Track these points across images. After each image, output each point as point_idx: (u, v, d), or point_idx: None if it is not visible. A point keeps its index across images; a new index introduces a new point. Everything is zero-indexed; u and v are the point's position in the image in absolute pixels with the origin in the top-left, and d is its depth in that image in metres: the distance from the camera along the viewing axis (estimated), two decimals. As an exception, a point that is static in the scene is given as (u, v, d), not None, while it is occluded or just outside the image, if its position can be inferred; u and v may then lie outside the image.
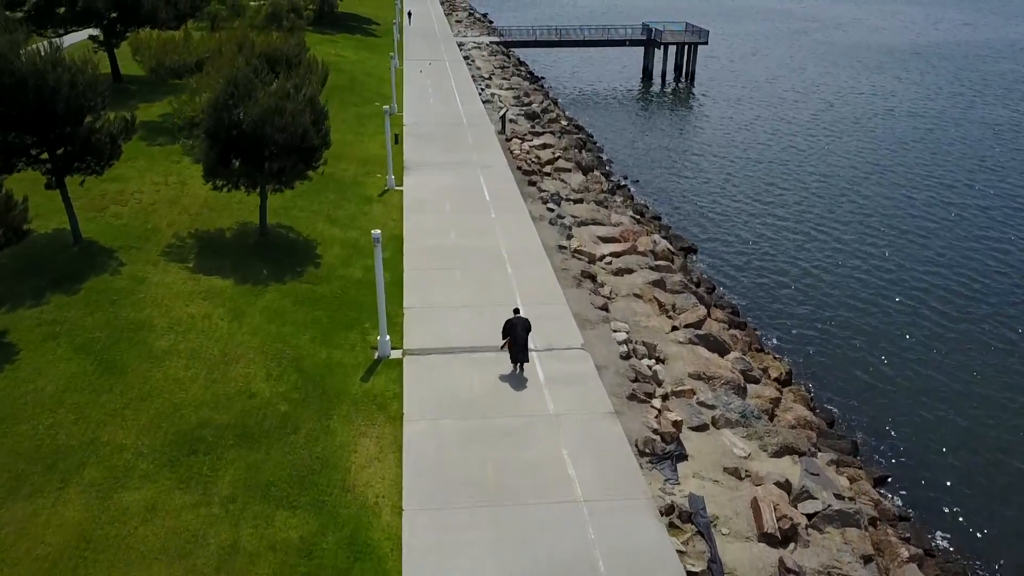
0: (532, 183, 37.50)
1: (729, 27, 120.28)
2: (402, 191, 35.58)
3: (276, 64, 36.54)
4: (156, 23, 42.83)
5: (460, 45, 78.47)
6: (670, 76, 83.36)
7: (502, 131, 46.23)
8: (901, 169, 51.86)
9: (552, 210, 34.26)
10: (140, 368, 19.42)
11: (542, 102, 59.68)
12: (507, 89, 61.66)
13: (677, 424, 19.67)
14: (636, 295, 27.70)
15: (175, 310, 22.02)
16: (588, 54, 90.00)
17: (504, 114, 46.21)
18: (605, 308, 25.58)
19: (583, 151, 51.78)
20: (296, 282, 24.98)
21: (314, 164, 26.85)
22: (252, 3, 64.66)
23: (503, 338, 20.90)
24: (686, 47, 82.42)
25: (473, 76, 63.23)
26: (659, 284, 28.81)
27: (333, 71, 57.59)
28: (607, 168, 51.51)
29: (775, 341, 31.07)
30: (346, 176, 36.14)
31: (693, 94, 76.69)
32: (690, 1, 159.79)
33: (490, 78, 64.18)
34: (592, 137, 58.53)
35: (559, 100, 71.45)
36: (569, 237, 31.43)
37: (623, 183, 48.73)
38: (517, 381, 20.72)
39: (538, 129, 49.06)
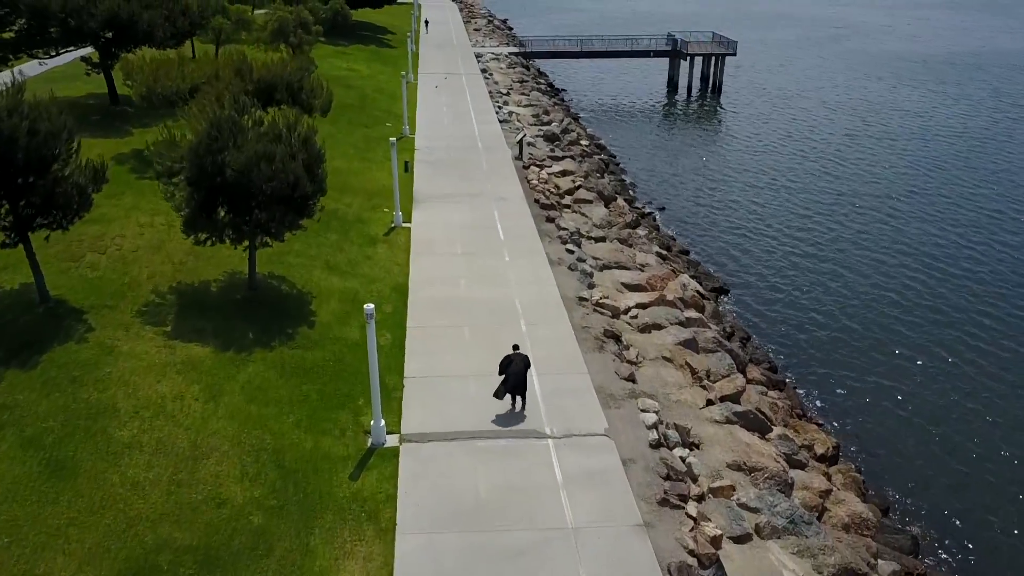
0: (550, 219, 34.69)
1: (756, 34, 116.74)
2: (410, 229, 32.90)
3: (275, 91, 34.07)
4: (154, 42, 40.47)
5: (478, 57, 75.82)
6: (696, 88, 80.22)
7: (519, 156, 43.47)
8: (943, 195, 48.48)
9: (572, 252, 31.43)
10: (95, 468, 16.84)
11: (562, 120, 56.85)
12: (526, 106, 58.90)
13: (716, 540, 16.80)
14: (666, 358, 24.83)
15: (143, 389, 19.43)
16: (611, 64, 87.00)
17: (521, 139, 43.47)
18: (631, 378, 22.73)
19: (605, 174, 48.95)
20: (285, 347, 22.36)
21: (308, 213, 24.19)
22: (260, 16, 62.42)
23: (500, 374, 20.17)
24: (713, 58, 79.25)
25: (490, 92, 60.53)
26: (691, 344, 25.89)
27: (343, 87, 55.23)
28: (630, 193, 48.62)
29: (817, 402, 28.08)
30: (349, 212, 33.52)
31: (720, 108, 73.50)
32: (715, 8, 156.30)
33: (508, 93, 61.45)
34: (615, 158, 55.61)
35: (580, 115, 68.60)
36: (591, 286, 28.59)
37: (648, 210, 45.85)
38: (524, 472, 17.96)
39: (557, 153, 46.24)
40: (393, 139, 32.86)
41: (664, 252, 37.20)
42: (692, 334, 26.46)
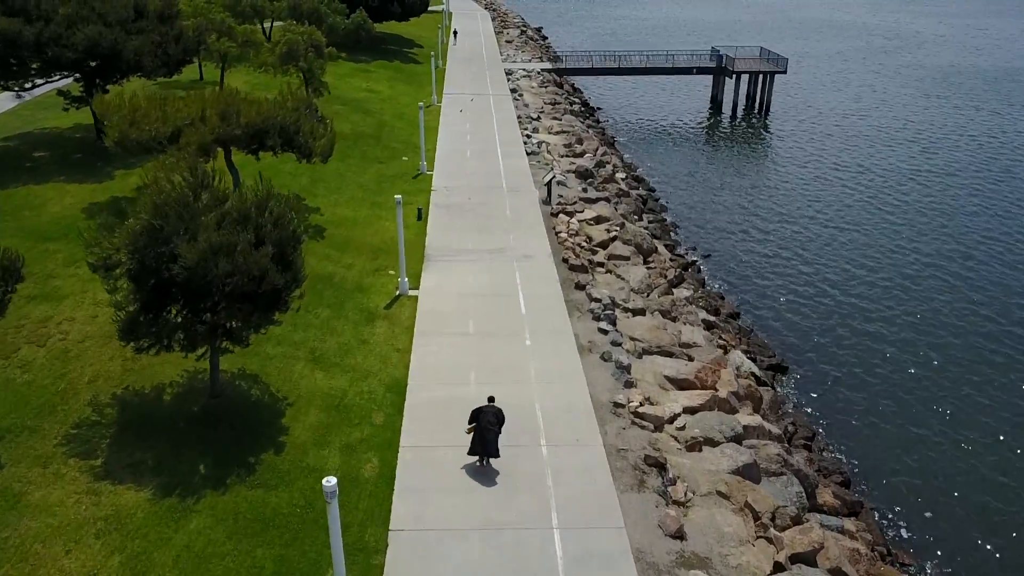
0: (580, 285, 29.87)
1: (804, 46, 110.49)
2: (417, 298, 28.31)
3: (267, 135, 29.72)
4: (144, 72, 36.45)
5: (508, 74, 71.14)
6: (741, 107, 74.71)
7: (547, 200, 38.71)
8: (1032, 244, 42.84)
9: (605, 332, 26.62)
10: None
11: (596, 150, 51.90)
12: (557, 133, 54.08)
13: None
14: (721, 493, 19.90)
15: (45, 567, 15.05)
16: (650, 80, 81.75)
17: (550, 180, 38.68)
18: (680, 534, 17.88)
19: (643, 214, 44.01)
20: (243, 485, 17.88)
21: (282, 307, 19.68)
22: (277, 29, 58.38)
23: (469, 423, 19.23)
24: (760, 76, 73.71)
25: (519, 116, 55.83)
26: (750, 471, 20.91)
27: (360, 112, 50.93)
28: (672, 236, 43.62)
29: (903, 531, 22.99)
30: (348, 278, 29.01)
31: (768, 130, 67.97)
32: (758, 15, 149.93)
33: (538, 118, 56.68)
34: (654, 192, 50.55)
35: (616, 139, 63.64)
36: (628, 384, 23.74)
37: (692, 258, 40.86)
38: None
39: (590, 193, 41.35)
40: (399, 196, 28.17)
41: (712, 319, 32.23)
42: (751, 455, 21.48)
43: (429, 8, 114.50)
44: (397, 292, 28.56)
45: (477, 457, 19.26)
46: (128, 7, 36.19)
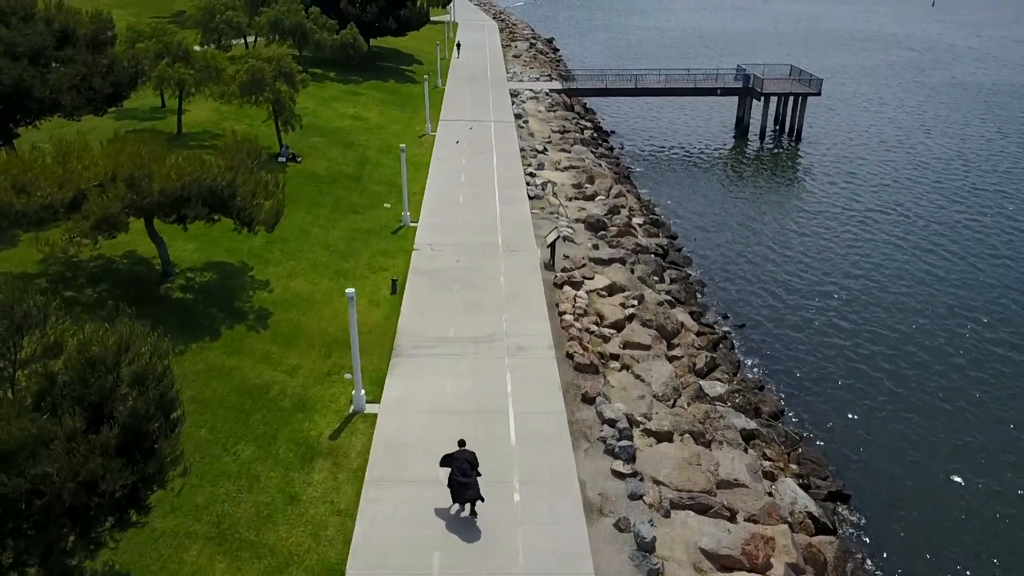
0: (589, 398, 23.33)
1: (832, 59, 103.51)
2: (375, 417, 21.88)
3: (187, 204, 23.41)
4: (63, 112, 30.27)
5: (514, 95, 64.73)
6: (770, 131, 67.89)
7: (551, 264, 32.24)
8: None
9: (621, 476, 20.11)
10: None
11: (609, 189, 45.36)
12: (565, 168, 47.57)
13: None
14: None
15: None
16: (669, 100, 75.05)
17: (554, 242, 32.15)
18: None
19: (664, 273, 37.46)
20: None
21: (139, 508, 13.27)
22: (261, 46, 52.42)
23: (440, 466, 18.34)
24: (791, 98, 66.97)
25: (523, 148, 49.38)
26: None
27: (340, 147, 44.65)
28: (698, 298, 37.05)
29: None
30: (289, 388, 22.60)
31: (801, 159, 61.17)
32: (782, 25, 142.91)
33: (544, 150, 50.17)
34: (675, 240, 43.86)
35: (632, 169, 57.09)
36: (653, 573, 17.20)
37: (724, 328, 34.29)
38: None
39: (602, 252, 34.76)
40: (351, 292, 21.56)
41: (752, 425, 25.66)
42: None
43: (432, 19, 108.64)
44: (351, 408, 22.13)
45: (462, 507, 18.34)
46: (48, 34, 30.02)
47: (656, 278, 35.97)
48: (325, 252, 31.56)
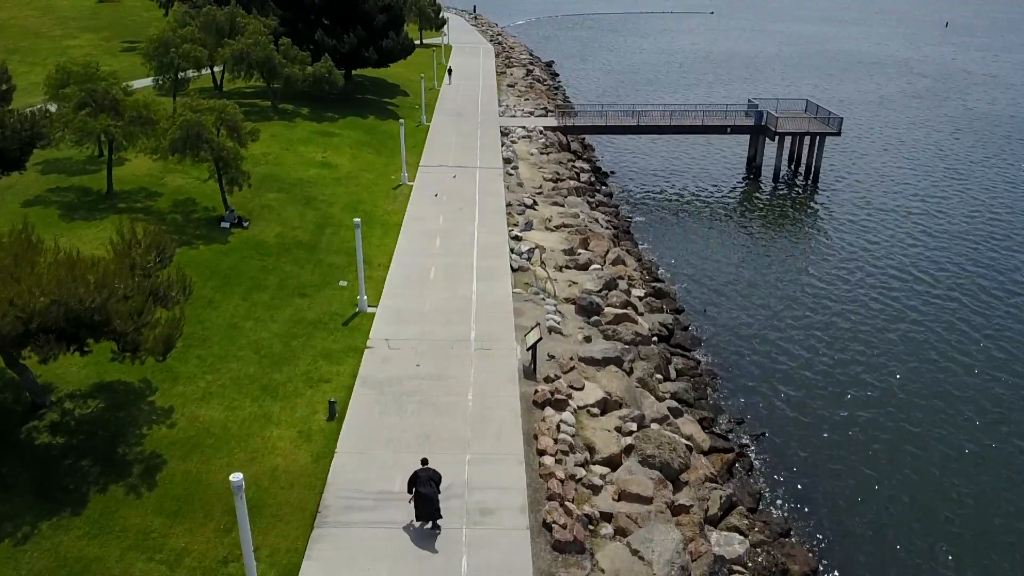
0: (570, 599, 17.60)
1: (844, 87, 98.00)
2: (279, 639, 16.10)
3: (31, 339, 17.73)
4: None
5: (505, 133, 59.19)
6: (784, 172, 62.18)
7: (532, 371, 26.47)
8: None
9: None
10: None
11: (606, 253, 39.71)
12: (557, 228, 41.89)
13: None
14: None
15: None
16: (676, 137, 69.46)
17: (535, 344, 26.35)
18: None
19: (670, 365, 31.71)
20: None
21: None
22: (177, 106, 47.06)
23: (408, 491, 19.02)
24: (808, 137, 61.35)
25: (510, 203, 43.74)
26: None
27: (299, 204, 39.01)
28: (709, 392, 31.35)
29: None
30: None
31: (818, 204, 55.43)
32: (790, 47, 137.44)
33: (534, 204, 44.49)
34: (681, 315, 38.01)
35: (633, 219, 51.45)
36: None
37: (742, 443, 28.51)
38: None
39: (595, 345, 28.97)
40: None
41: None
42: None
43: (424, 42, 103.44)
44: (249, 621, 16.33)
45: (424, 522, 19.04)
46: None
47: (659, 376, 30.18)
48: (255, 358, 25.79)
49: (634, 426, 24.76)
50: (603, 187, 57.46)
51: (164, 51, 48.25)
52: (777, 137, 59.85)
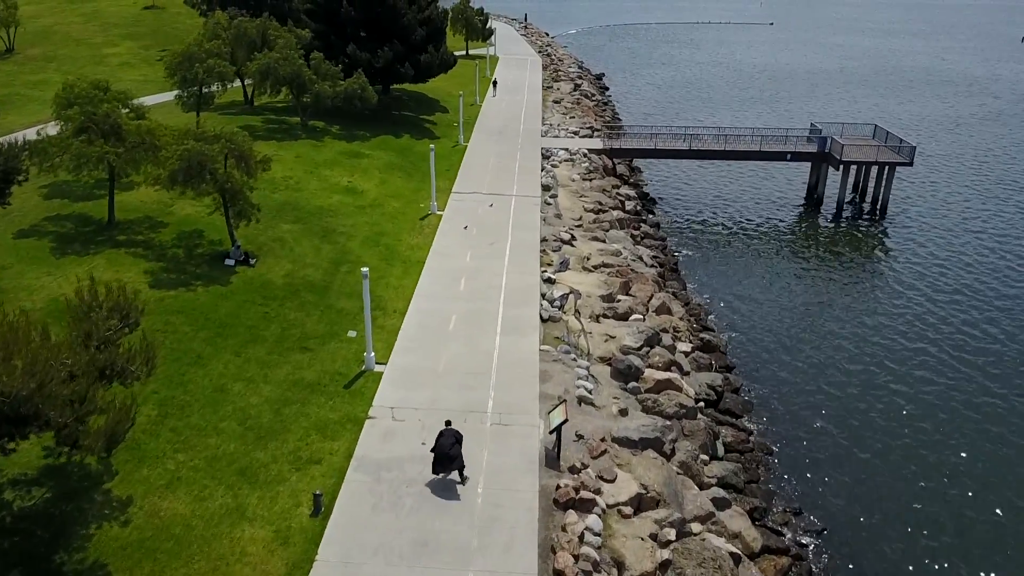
0: None
1: (913, 107, 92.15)
2: None
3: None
4: None
5: (546, 156, 55.61)
6: (848, 202, 57.33)
7: (555, 453, 22.78)
8: None
9: None
10: None
11: (649, 299, 35.82)
12: (595, 268, 38.09)
13: None
14: None
15: None
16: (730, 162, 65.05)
17: (559, 427, 22.62)
18: None
19: (717, 441, 27.70)
20: None
21: None
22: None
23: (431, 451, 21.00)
24: (875, 167, 56.49)
25: (545, 238, 40.12)
26: None
27: (314, 238, 35.96)
28: (761, 472, 27.28)
29: None
30: None
31: (887, 243, 50.56)
32: (849, 63, 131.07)
33: (571, 239, 40.75)
34: (731, 374, 33.86)
35: (679, 253, 47.41)
36: None
37: (800, 542, 24.41)
38: None
39: (631, 425, 25.15)
40: None
41: None
42: None
43: (470, 53, 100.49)
44: None
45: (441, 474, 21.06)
46: None
47: (704, 457, 26.21)
48: (238, 431, 22.58)
49: (672, 533, 20.90)
50: (650, 215, 53.54)
51: (188, 66, 45.79)
52: (842, 166, 55.08)
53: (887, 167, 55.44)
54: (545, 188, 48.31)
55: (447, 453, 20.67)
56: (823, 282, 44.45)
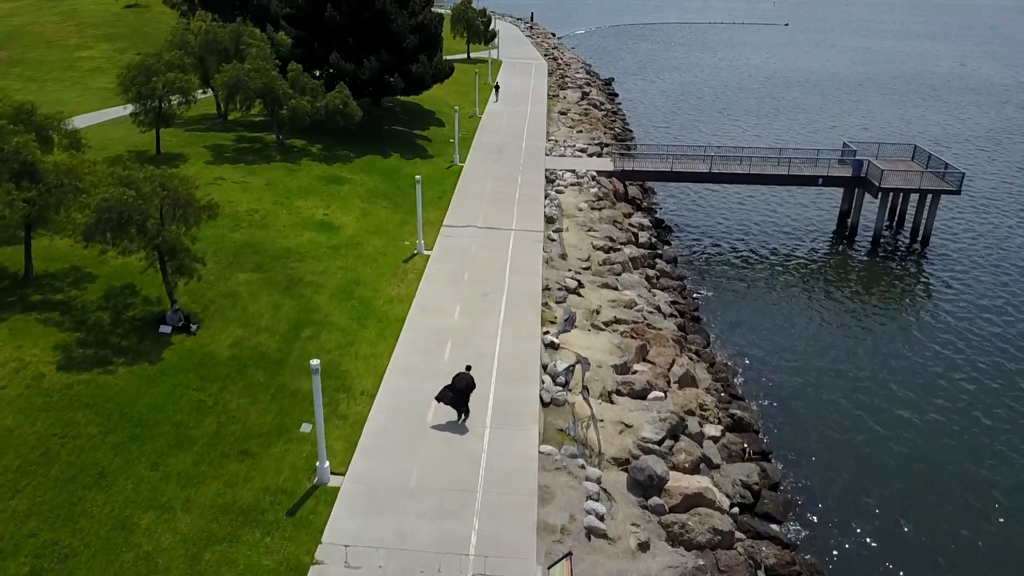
0: None
1: (946, 120, 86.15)
2: None
3: None
4: None
5: (550, 179, 49.99)
6: (884, 231, 51.56)
7: (556, 627, 17.23)
8: None
9: None
10: None
11: (670, 366, 30.20)
12: (607, 324, 32.46)
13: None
14: None
15: None
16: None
17: (563, 594, 17.14)
18: None
19: (758, 571, 22.12)
20: None
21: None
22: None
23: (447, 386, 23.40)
24: (917, 194, 50.71)
25: (548, 285, 34.50)
26: None
27: (275, 290, 30.34)
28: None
29: None
30: None
31: (931, 283, 44.85)
32: (871, 68, 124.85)
33: (578, 287, 35.06)
34: (768, 461, 28.23)
35: (701, 296, 41.85)
36: None
37: None
38: None
39: (654, 568, 19.62)
40: None
41: None
42: None
43: (471, 56, 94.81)
44: None
45: (446, 406, 23.75)
46: None
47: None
48: (135, 591, 17.05)
49: None
50: (665, 246, 47.93)
51: (144, 79, 40.22)
52: (881, 193, 49.31)
53: (930, 194, 49.66)
54: (549, 220, 42.69)
55: (454, 398, 23.40)
56: (861, 330, 38.79)
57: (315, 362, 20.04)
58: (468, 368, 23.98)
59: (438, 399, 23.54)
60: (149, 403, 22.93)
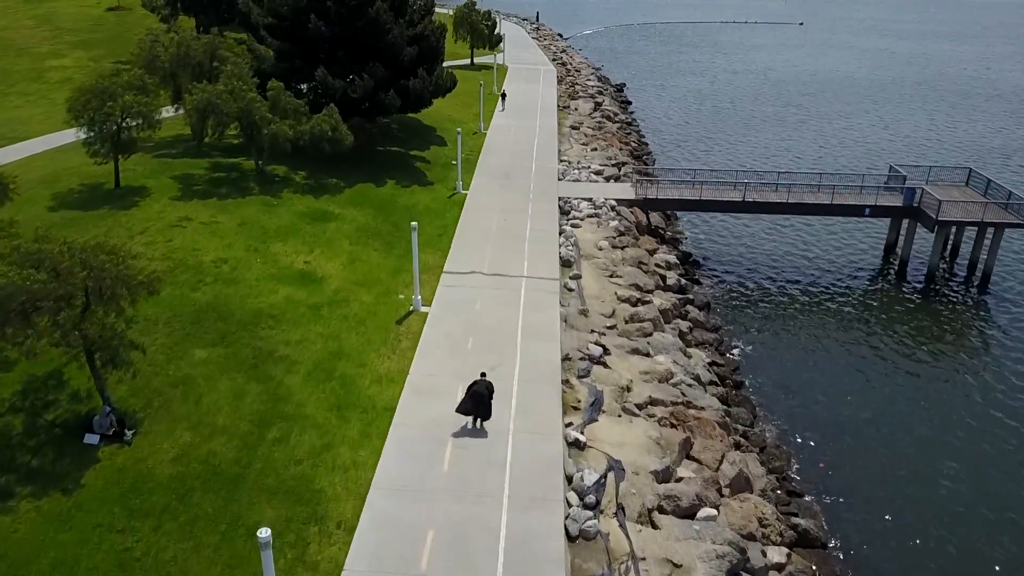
0: None
1: (984, 130, 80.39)
2: None
3: None
4: None
5: (565, 210, 44.43)
6: (939, 268, 45.89)
7: None
8: None
9: None
10: None
11: (718, 464, 24.71)
12: (641, 407, 26.94)
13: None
14: None
15: None
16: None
17: None
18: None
19: None
20: None
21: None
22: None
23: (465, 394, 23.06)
24: (977, 228, 45.04)
25: (569, 353, 28.96)
26: None
27: (241, 373, 24.75)
28: None
29: None
30: None
31: (992, 326, 39.27)
32: (896, 71, 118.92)
33: (604, 354, 29.54)
34: (825, 554, 22.78)
35: (738, 350, 36.44)
36: None
37: None
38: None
39: None
40: None
41: None
42: None
43: (475, 62, 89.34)
44: None
45: (470, 418, 23.50)
46: None
47: None
48: None
49: None
50: (695, 286, 42.42)
51: (99, 104, 34.73)
52: (937, 226, 43.69)
53: (992, 227, 44.04)
54: (565, 264, 37.20)
55: (477, 403, 22.95)
56: (930, 390, 33.18)
57: (265, 533, 14.54)
58: (483, 375, 23.69)
59: (461, 411, 23.59)
60: (54, 559, 17.45)
